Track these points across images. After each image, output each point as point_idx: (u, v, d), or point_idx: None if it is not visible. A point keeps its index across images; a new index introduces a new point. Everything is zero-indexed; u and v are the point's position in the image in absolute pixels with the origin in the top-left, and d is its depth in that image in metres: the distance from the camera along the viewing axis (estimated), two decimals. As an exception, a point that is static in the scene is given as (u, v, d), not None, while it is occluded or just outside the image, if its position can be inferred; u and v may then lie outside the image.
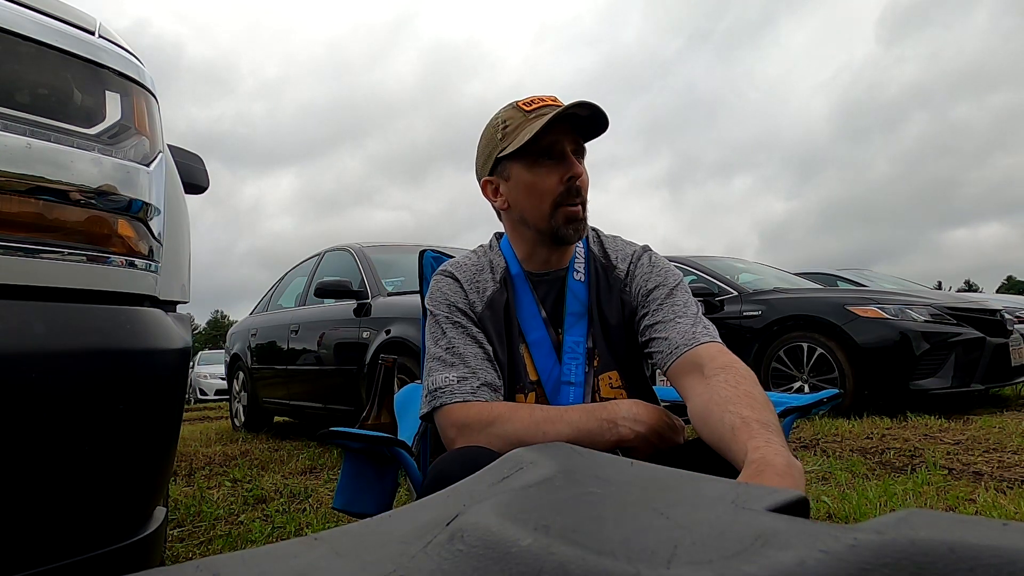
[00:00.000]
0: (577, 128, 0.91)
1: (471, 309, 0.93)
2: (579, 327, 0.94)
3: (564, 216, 0.91)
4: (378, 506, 0.99)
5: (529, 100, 0.93)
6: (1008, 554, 0.23)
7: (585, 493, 0.38)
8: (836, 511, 1.88)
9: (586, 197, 0.93)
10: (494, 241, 1.04)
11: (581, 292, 0.96)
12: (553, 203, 0.91)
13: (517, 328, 0.94)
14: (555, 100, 0.92)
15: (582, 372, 0.91)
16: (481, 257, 1.01)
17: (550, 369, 0.92)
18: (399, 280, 3.75)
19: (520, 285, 0.97)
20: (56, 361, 0.73)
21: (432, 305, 0.95)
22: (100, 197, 0.82)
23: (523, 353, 0.93)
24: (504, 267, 0.98)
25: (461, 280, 0.96)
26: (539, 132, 0.87)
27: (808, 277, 5.71)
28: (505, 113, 0.95)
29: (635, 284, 0.96)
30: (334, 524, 1.96)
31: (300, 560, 0.32)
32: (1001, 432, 2.86)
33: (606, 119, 0.90)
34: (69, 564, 0.75)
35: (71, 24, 0.87)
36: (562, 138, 0.90)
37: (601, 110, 0.88)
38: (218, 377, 12.57)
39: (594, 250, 1.02)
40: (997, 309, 4.02)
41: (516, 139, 0.90)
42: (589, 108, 0.88)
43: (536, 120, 0.88)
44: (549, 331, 0.94)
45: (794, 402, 1.02)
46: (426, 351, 0.94)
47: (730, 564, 0.26)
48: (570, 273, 0.97)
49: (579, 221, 0.92)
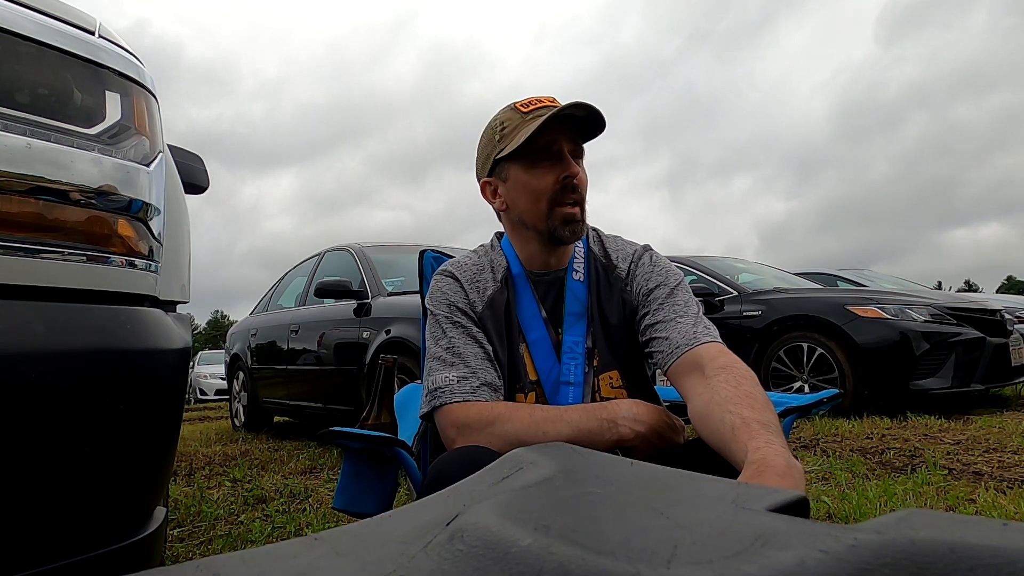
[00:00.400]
0: (575, 128, 0.91)
1: (471, 309, 0.93)
2: (578, 327, 0.94)
3: (561, 216, 0.91)
4: (378, 506, 0.99)
5: (527, 101, 0.93)
6: (1008, 554, 0.23)
7: (585, 493, 0.38)
8: (836, 511, 1.88)
9: (584, 197, 0.93)
10: (495, 241, 1.04)
11: (581, 292, 0.96)
12: (549, 202, 0.91)
13: (517, 328, 0.94)
14: (553, 101, 0.92)
15: (581, 372, 0.91)
16: (482, 257, 1.01)
17: (549, 369, 0.92)
18: (399, 280, 3.75)
19: (521, 285, 0.97)
20: (56, 361, 0.73)
21: (432, 305, 0.95)
22: (100, 197, 0.82)
23: (523, 353, 0.93)
24: (505, 267, 0.98)
25: (461, 280, 0.96)
26: (535, 132, 0.87)
27: (808, 277, 5.71)
28: (503, 115, 0.95)
29: (636, 283, 0.96)
30: (334, 524, 1.96)
31: (300, 560, 0.32)
32: (1001, 432, 2.86)
33: (603, 120, 0.90)
34: (69, 564, 0.75)
35: (71, 24, 0.87)
36: (559, 138, 0.90)
37: (597, 111, 0.88)
38: (218, 377, 12.56)
39: (594, 250, 1.02)
40: (997, 309, 4.02)
41: (513, 140, 0.90)
42: (585, 109, 0.88)
43: (533, 121, 0.89)
44: (549, 331, 0.94)
45: (794, 402, 1.02)
46: (426, 351, 0.94)
47: (730, 564, 0.26)
48: (569, 273, 0.97)
49: (576, 222, 0.92)
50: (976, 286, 75.83)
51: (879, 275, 6.99)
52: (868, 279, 6.59)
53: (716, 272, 4.55)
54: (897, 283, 6.57)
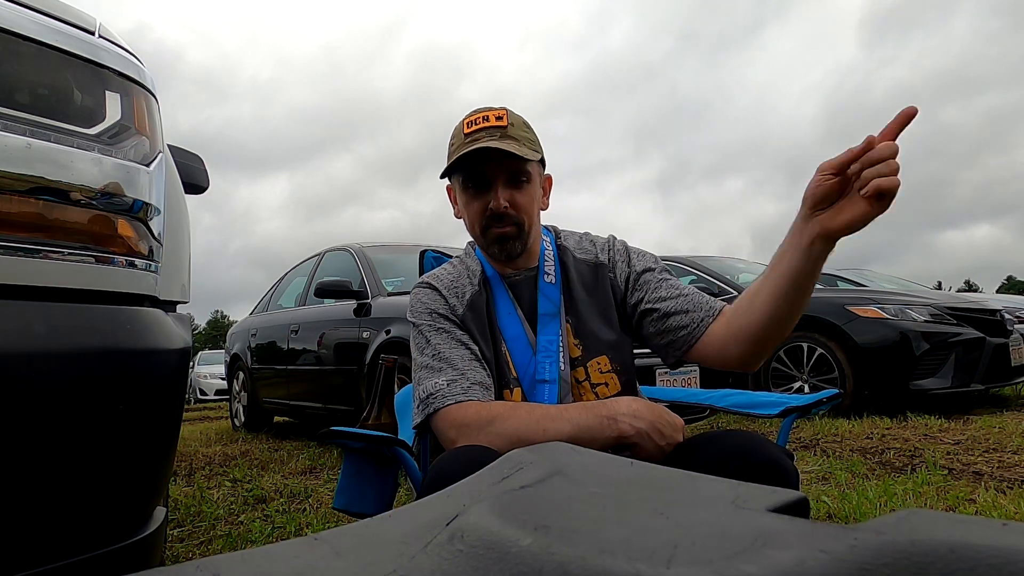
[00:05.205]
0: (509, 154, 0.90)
1: (453, 313, 0.95)
2: (552, 326, 0.95)
3: (492, 237, 0.95)
4: (378, 506, 0.99)
5: (473, 119, 0.94)
6: (1008, 554, 0.23)
7: (585, 493, 0.38)
8: (836, 511, 1.88)
9: (521, 219, 0.94)
10: (469, 248, 1.07)
11: (552, 293, 0.98)
12: (482, 227, 0.96)
13: (497, 327, 0.96)
14: (501, 119, 0.92)
15: (556, 370, 0.92)
16: (457, 266, 1.03)
17: (526, 365, 0.93)
18: (399, 280, 3.75)
19: (496, 286, 0.99)
20: (56, 361, 0.73)
21: (414, 317, 0.97)
22: (100, 197, 0.82)
23: (504, 351, 0.95)
24: (480, 270, 1.00)
25: (439, 288, 0.98)
26: (456, 162, 0.92)
27: (808, 277, 5.69)
28: (456, 127, 0.97)
29: (618, 269, 1.00)
30: (334, 524, 1.96)
31: (300, 560, 0.32)
32: (1001, 432, 2.86)
33: (518, 156, 0.90)
34: (69, 564, 0.75)
35: (71, 24, 0.87)
36: (489, 166, 0.92)
37: (506, 151, 0.89)
38: (218, 377, 12.56)
39: (568, 245, 1.04)
40: (997, 309, 4.02)
41: (448, 161, 0.95)
42: (495, 154, 0.89)
43: (464, 147, 0.91)
44: (525, 328, 0.96)
45: (794, 402, 1.02)
46: (413, 363, 0.94)
47: (730, 564, 0.26)
48: (541, 276, 0.99)
49: (508, 241, 0.95)
50: (976, 286, 75.85)
51: (879, 275, 6.99)
52: (868, 279, 6.59)
53: (716, 272, 4.55)
54: (897, 283, 6.56)
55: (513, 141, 0.91)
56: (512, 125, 0.93)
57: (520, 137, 0.93)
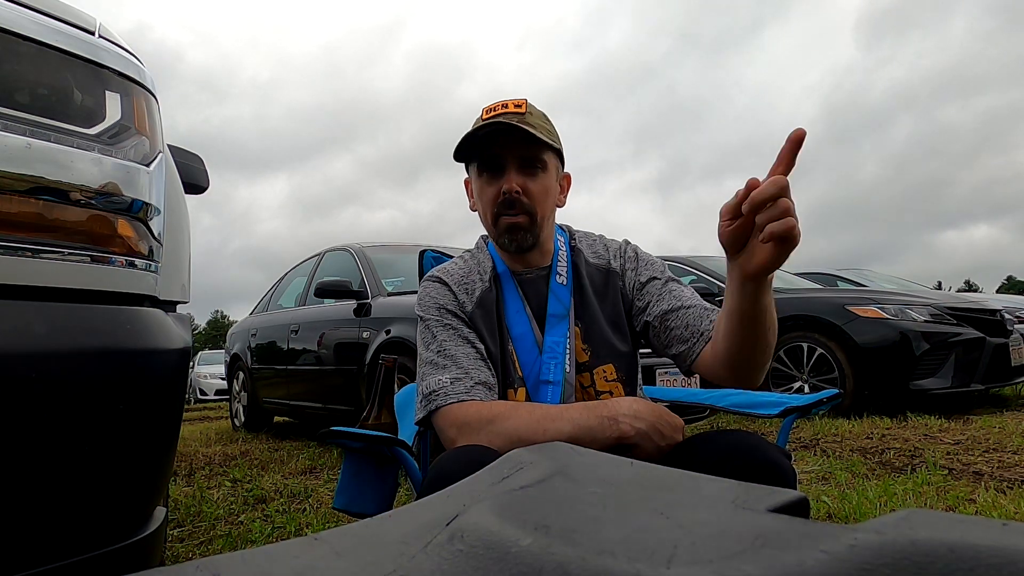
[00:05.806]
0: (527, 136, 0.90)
1: (461, 310, 0.94)
2: (560, 327, 0.94)
3: (503, 226, 0.94)
4: (378, 506, 0.99)
5: (492, 106, 0.94)
6: (1008, 554, 0.23)
7: (585, 493, 0.38)
8: (836, 511, 1.88)
9: (534, 208, 0.93)
10: (481, 243, 1.06)
11: (563, 295, 0.97)
12: (494, 214, 0.94)
13: (505, 324, 0.95)
14: (520, 107, 0.92)
15: (560, 372, 0.92)
16: (468, 261, 1.02)
17: (531, 365, 0.93)
18: (399, 280, 3.75)
19: (507, 283, 0.98)
20: (56, 361, 0.73)
21: (422, 311, 0.96)
22: (100, 197, 0.82)
23: (511, 349, 0.94)
24: (491, 267, 0.99)
25: (449, 283, 0.97)
26: (464, 142, 0.91)
27: (808, 277, 5.70)
28: (479, 114, 0.96)
29: (627, 277, 0.99)
30: (334, 524, 1.96)
31: (300, 560, 0.32)
32: (1001, 432, 2.86)
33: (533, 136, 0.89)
34: (69, 564, 0.75)
35: (71, 24, 0.87)
36: (504, 151, 0.92)
37: (522, 128, 0.88)
38: (218, 377, 12.55)
39: (581, 248, 1.03)
40: (997, 309, 4.02)
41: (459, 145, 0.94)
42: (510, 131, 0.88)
43: (478, 129, 0.91)
44: (533, 328, 0.95)
45: (794, 402, 1.02)
46: (418, 357, 0.94)
47: (730, 564, 0.26)
48: (553, 276, 0.98)
49: (519, 231, 0.93)
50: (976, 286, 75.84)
51: (879, 275, 6.99)
52: (868, 279, 6.59)
53: (716, 272, 4.55)
54: (897, 283, 6.57)
55: (530, 127, 0.90)
56: (531, 114, 0.92)
57: (537, 125, 0.92)
